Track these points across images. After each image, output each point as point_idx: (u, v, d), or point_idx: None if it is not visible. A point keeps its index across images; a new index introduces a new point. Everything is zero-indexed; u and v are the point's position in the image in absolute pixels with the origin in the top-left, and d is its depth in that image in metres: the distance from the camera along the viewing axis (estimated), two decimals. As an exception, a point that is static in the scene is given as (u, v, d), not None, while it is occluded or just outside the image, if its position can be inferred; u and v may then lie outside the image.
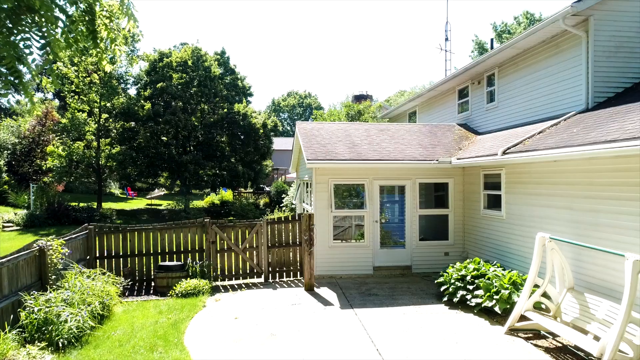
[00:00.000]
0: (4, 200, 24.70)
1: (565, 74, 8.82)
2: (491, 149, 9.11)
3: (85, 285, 7.58)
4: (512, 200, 8.88)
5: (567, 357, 5.92)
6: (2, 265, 6.49)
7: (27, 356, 5.86)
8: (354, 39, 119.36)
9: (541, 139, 7.71)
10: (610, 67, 8.26)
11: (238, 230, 10.35)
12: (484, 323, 7.21)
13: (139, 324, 7.27)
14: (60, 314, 6.54)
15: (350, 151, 10.62)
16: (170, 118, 25.31)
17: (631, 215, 5.89)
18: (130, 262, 9.95)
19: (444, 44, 22.76)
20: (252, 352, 6.17)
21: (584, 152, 6.11)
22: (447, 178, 10.84)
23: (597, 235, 6.53)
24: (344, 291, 9.21)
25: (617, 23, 8.26)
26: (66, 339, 6.32)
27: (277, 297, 8.97)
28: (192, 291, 8.92)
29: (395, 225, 11.07)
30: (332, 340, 6.57)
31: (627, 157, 5.88)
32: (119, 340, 6.55)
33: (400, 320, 7.35)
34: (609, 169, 6.33)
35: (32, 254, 7.32)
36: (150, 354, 6.02)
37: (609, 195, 6.30)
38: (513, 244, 8.77)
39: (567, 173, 7.22)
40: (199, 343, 6.50)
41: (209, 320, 7.54)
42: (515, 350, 6.16)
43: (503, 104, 11.12)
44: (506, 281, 7.52)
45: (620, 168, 6.10)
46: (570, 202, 7.13)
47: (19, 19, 3.47)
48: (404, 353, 6.06)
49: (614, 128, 6.16)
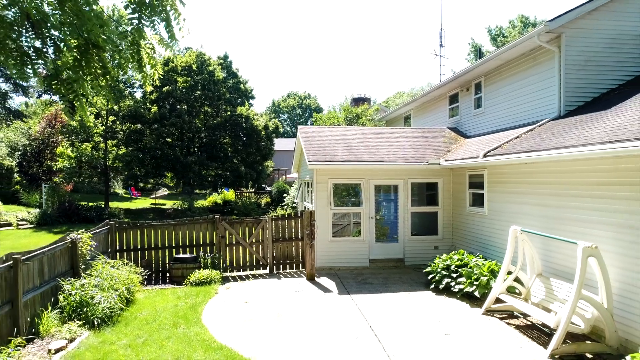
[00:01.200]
0: (16, 200, 25.64)
1: (542, 84, 9.79)
2: (475, 152, 10.07)
3: (112, 273, 8.55)
4: (493, 198, 9.85)
5: (533, 333, 6.89)
6: (44, 254, 7.45)
7: (68, 332, 6.82)
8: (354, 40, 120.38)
9: (517, 144, 8.68)
10: (580, 79, 9.22)
11: (245, 226, 11.31)
12: (465, 306, 8.18)
13: (161, 307, 8.23)
14: (94, 297, 7.50)
15: (348, 153, 11.59)
16: (175, 120, 26.27)
17: (590, 210, 6.84)
18: (147, 254, 10.90)
19: (439, 49, 23.76)
20: (262, 328, 7.14)
21: (548, 156, 7.08)
22: (437, 178, 11.81)
23: (563, 228, 7.48)
24: (342, 280, 10.18)
25: (586, 39, 9.22)
26: (100, 318, 7.28)
27: (281, 285, 9.94)
28: (204, 280, 9.88)
29: (389, 222, 12.03)
30: (331, 319, 7.53)
31: (582, 160, 6.85)
32: (145, 319, 7.52)
33: (391, 304, 8.32)
34: (570, 170, 7.28)
35: (65, 245, 8.28)
36: (174, 330, 6.99)
37: (572, 193, 7.26)
38: (494, 237, 9.74)
39: (538, 174, 8.18)
40: (215, 322, 7.46)
41: (222, 304, 8.50)
42: (489, 327, 7.13)
43: (489, 110, 12.08)
44: (485, 269, 8.50)
45: (579, 169, 7.06)
46: (541, 200, 8.09)
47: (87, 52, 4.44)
48: (393, 328, 7.02)
49: (575, 135, 7.12)
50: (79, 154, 25.10)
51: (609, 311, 6.04)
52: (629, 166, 6.03)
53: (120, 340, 6.59)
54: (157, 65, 5.14)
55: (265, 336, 6.81)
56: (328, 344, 6.48)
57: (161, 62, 6.50)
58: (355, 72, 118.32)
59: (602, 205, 6.53)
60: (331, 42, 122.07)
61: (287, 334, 6.92)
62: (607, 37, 9.23)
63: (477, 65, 11.68)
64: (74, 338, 6.73)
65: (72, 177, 25.59)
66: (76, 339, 6.73)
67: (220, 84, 29.97)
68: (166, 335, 6.77)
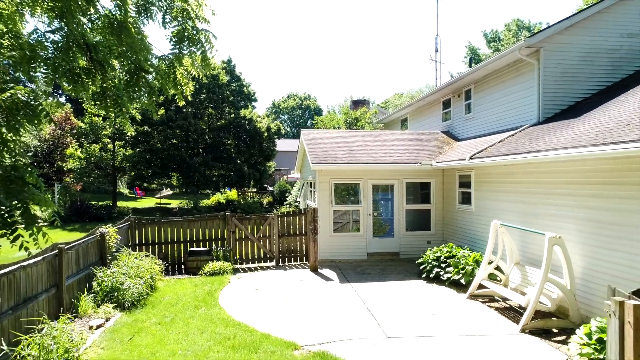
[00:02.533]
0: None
1: (523, 93, 10.80)
2: (463, 154, 11.08)
3: (137, 263, 9.54)
4: (479, 196, 10.86)
5: (510, 313, 7.89)
6: (79, 245, 8.45)
7: (104, 312, 7.82)
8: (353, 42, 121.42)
9: (499, 147, 9.69)
10: (557, 89, 10.23)
11: (253, 222, 12.32)
12: (452, 292, 9.19)
13: (181, 293, 9.23)
14: (124, 283, 8.50)
15: (348, 155, 12.59)
16: (182, 123, 27.28)
17: (560, 206, 7.83)
18: (164, 248, 11.90)
19: (435, 55, 24.78)
20: (273, 309, 8.14)
21: (522, 159, 8.08)
22: (430, 178, 12.82)
23: (539, 222, 8.48)
24: (343, 271, 11.19)
25: (563, 53, 10.23)
26: (129, 302, 8.28)
27: (287, 275, 10.94)
28: (217, 271, 10.89)
29: (386, 219, 13.03)
30: (333, 302, 8.53)
31: (550, 162, 7.85)
32: (169, 302, 8.52)
33: (386, 290, 9.32)
34: (543, 171, 8.29)
35: (95, 238, 9.28)
36: (196, 311, 7.99)
37: (545, 191, 8.26)
38: (480, 232, 10.75)
39: (517, 174, 9.19)
40: (231, 305, 8.45)
41: (235, 291, 9.50)
42: (472, 309, 8.14)
43: (478, 115, 13.09)
44: (470, 260, 9.51)
45: (549, 170, 8.07)
46: (520, 197, 9.10)
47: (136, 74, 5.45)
48: (387, 309, 8.02)
49: (545, 140, 8.13)
50: (88, 155, 26.10)
51: (571, 292, 7.04)
52: (587, 167, 7.04)
53: (150, 319, 7.59)
54: (189, 84, 6.15)
55: (277, 315, 7.81)
56: (331, 320, 7.48)
57: (192, 83, 7.46)
58: (354, 73, 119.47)
59: (569, 202, 7.54)
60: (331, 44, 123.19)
61: (295, 313, 7.92)
62: (582, 51, 10.25)
63: (468, 73, 12.69)
64: (109, 317, 7.73)
65: (82, 177, 26.59)
66: (111, 318, 7.73)
67: (224, 87, 30.99)
68: (190, 315, 7.77)
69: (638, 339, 3.54)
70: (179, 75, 5.96)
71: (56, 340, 5.50)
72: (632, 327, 3.53)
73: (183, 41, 5.22)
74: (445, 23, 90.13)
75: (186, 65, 5.84)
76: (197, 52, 5.40)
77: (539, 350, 6.23)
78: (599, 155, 6.26)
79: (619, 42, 10.28)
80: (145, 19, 5.39)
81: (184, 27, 5.23)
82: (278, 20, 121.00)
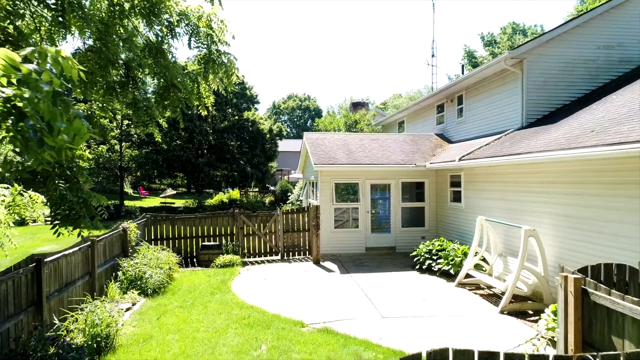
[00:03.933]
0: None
1: (509, 100, 11.75)
2: (454, 156, 12.03)
3: (155, 255, 10.48)
4: (468, 194, 11.81)
5: (493, 299, 8.84)
6: (105, 239, 9.38)
7: (130, 298, 8.76)
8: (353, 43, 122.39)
9: (485, 150, 10.64)
10: (539, 96, 11.18)
11: (260, 219, 13.26)
12: (442, 281, 10.15)
13: (197, 282, 10.17)
14: (146, 272, 9.44)
15: (348, 157, 13.54)
16: (187, 124, 28.22)
17: (538, 203, 8.78)
18: (177, 243, 12.84)
19: (431, 59, 25.73)
20: (281, 295, 9.09)
21: (504, 161, 9.03)
22: (424, 178, 13.78)
23: (521, 218, 9.41)
24: (343, 264, 12.14)
25: (545, 64, 11.18)
26: (151, 289, 9.22)
27: (292, 267, 11.89)
28: (228, 263, 11.83)
29: (383, 216, 13.98)
30: (335, 289, 9.48)
31: (529, 164, 8.80)
32: (187, 290, 9.46)
33: (383, 280, 10.27)
34: (523, 172, 9.24)
35: (118, 232, 10.22)
36: (212, 296, 8.94)
37: (526, 190, 9.20)
38: (469, 227, 11.70)
39: (501, 174, 10.14)
40: (243, 292, 9.40)
41: (246, 280, 10.45)
42: (459, 295, 9.09)
43: (469, 119, 14.04)
44: (459, 252, 10.45)
45: (528, 171, 9.02)
46: (505, 195, 10.04)
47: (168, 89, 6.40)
48: (382, 295, 8.97)
49: (525, 144, 9.08)
50: (96, 155, 27.04)
51: (545, 278, 7.99)
52: (561, 168, 7.99)
53: (172, 304, 8.53)
54: (210, 97, 7.09)
55: (285, 300, 8.76)
56: (333, 304, 8.43)
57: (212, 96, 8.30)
58: (353, 74, 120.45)
59: (545, 199, 8.49)
60: (331, 45, 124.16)
61: (301, 298, 8.87)
62: (562, 62, 11.19)
63: (459, 80, 13.65)
64: (135, 302, 8.67)
65: (91, 177, 27.52)
66: (137, 303, 8.68)
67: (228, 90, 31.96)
68: (207, 299, 8.72)
69: (577, 306, 4.48)
70: (202, 89, 6.90)
71: (99, 316, 6.42)
72: (572, 295, 4.47)
73: (208, 63, 6.16)
74: (443, 25, 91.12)
75: (210, 81, 6.79)
76: (220, 73, 6.34)
77: (514, 327, 7.18)
78: (565, 158, 7.21)
79: (596, 53, 11.23)
80: (170, 39, 6.30)
81: (209, 50, 6.18)
82: (279, 22, 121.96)
